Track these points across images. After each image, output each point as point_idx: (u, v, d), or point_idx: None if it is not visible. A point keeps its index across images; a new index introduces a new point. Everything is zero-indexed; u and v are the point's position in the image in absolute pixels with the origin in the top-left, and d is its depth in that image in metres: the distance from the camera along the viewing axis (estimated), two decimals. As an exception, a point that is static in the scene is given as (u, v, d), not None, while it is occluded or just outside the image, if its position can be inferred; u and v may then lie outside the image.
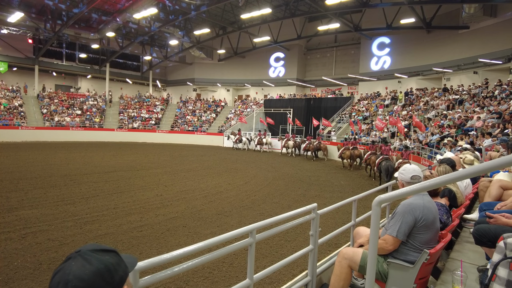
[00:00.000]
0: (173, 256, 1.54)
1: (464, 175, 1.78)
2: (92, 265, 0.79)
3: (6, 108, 27.14)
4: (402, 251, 2.57)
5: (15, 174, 11.32)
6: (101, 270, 0.80)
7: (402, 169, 2.89)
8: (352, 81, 30.77)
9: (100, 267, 0.80)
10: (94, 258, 0.81)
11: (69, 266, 0.79)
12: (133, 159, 17.30)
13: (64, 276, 0.77)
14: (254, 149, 26.50)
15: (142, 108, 35.31)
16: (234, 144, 27.29)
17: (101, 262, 0.81)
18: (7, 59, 29.73)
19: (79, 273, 0.78)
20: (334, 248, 5.66)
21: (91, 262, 0.80)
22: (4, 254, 5.00)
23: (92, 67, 35.53)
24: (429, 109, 19.67)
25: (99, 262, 0.81)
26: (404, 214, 2.54)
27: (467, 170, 1.57)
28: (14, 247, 5.27)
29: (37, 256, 5.00)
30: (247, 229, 2.11)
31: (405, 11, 22.36)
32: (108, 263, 0.82)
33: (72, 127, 28.79)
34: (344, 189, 11.77)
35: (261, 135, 26.47)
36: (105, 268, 0.81)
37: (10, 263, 4.73)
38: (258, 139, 26.00)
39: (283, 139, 24.72)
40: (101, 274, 0.80)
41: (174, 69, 41.58)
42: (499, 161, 1.47)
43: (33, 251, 5.15)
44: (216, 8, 26.15)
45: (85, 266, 0.79)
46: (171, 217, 7.36)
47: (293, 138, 24.51)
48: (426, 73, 24.81)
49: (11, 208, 7.35)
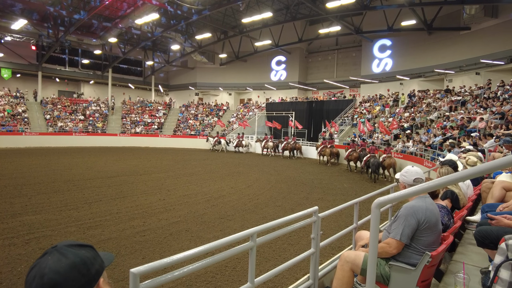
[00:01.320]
0: (173, 260, 1.55)
1: (465, 175, 1.79)
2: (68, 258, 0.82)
3: (10, 114, 27.34)
4: (404, 253, 2.55)
5: (18, 180, 11.39)
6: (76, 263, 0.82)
7: (405, 171, 2.85)
8: (354, 83, 30.77)
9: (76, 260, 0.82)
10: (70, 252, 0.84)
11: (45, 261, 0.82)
12: (136, 164, 17.35)
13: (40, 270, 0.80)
14: (234, 151, 27.57)
15: (145, 113, 35.45)
16: (212, 146, 28.15)
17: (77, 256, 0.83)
18: (11, 66, 30.01)
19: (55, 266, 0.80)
20: (337, 251, 5.64)
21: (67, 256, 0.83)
22: (8, 260, 5.02)
23: (94, 72, 35.80)
24: (432, 110, 19.63)
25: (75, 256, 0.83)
26: (407, 217, 2.52)
27: (469, 170, 1.57)
28: (18, 253, 5.29)
29: (40, 261, 5.01)
30: (247, 232, 2.11)
31: (406, 13, 22.42)
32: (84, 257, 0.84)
33: (75, 132, 28.94)
34: (347, 192, 11.73)
35: (239, 137, 27.50)
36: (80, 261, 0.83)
37: (14, 268, 4.75)
38: (237, 141, 27.14)
39: (261, 141, 26.36)
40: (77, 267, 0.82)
41: (176, 74, 41.78)
42: (501, 162, 1.47)
43: (37, 257, 5.07)
44: (217, 13, 26.31)
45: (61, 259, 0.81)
46: (174, 222, 7.36)
47: (271, 139, 26.12)
48: (428, 75, 24.78)
49: (14, 214, 7.38)
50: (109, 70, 35.62)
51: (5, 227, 6.48)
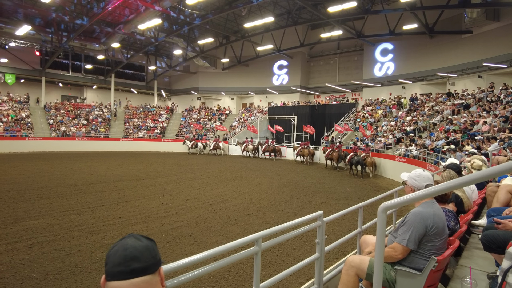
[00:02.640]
0: (180, 265, 1.54)
1: (471, 180, 1.77)
2: (143, 242, 1.01)
3: (14, 119, 27.49)
4: (410, 258, 2.52)
5: (22, 185, 11.41)
6: (149, 246, 1.01)
7: (417, 175, 2.76)
8: (356, 87, 30.78)
9: (148, 244, 1.01)
10: (144, 238, 1.03)
11: (126, 240, 1.00)
12: (138, 168, 17.37)
13: (123, 245, 0.98)
14: (209, 153, 28.95)
15: (147, 118, 35.57)
16: (189, 149, 28.97)
17: (148, 242, 1.02)
18: (15, 71, 30.25)
19: (134, 244, 0.99)
20: (341, 256, 5.61)
21: (142, 240, 1.02)
22: (11, 264, 5.01)
23: (97, 77, 36.02)
24: (434, 114, 19.57)
25: (147, 241, 1.02)
26: (415, 223, 2.47)
27: (474, 175, 1.55)
28: (21, 257, 5.29)
29: (43, 266, 5.02)
30: (252, 237, 2.10)
31: (408, 17, 22.45)
32: (152, 244, 1.04)
33: (78, 137, 29.04)
34: (350, 196, 11.68)
35: (216, 140, 28.98)
36: (151, 246, 1.02)
37: (17, 273, 4.74)
38: (214, 144, 28.34)
39: (241, 144, 27.67)
40: (149, 249, 1.00)
41: (179, 79, 41.95)
42: (508, 165, 1.45)
43: (40, 261, 5.16)
44: (219, 18, 26.45)
45: (138, 242, 1.00)
46: (176, 226, 7.35)
47: (251, 142, 27.35)
48: (430, 78, 24.75)
49: (18, 218, 7.39)
50: (112, 75, 35.80)
51: (9, 232, 6.48)
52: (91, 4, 23.02)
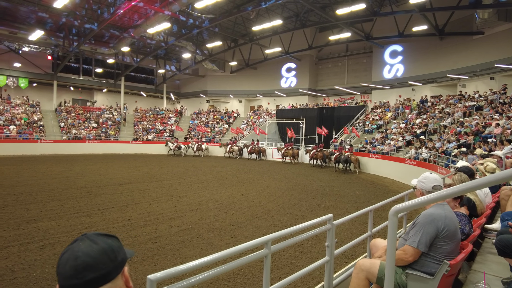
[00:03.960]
0: (190, 267, 1.54)
1: (484, 183, 1.74)
2: (98, 245, 0.90)
3: (26, 122, 28.02)
4: (422, 262, 2.49)
5: (34, 187, 11.60)
6: (106, 249, 0.90)
7: (423, 177, 2.77)
8: (365, 89, 30.58)
9: (105, 247, 0.90)
10: (100, 239, 0.92)
11: (78, 246, 0.90)
12: (147, 171, 17.51)
13: (74, 253, 0.87)
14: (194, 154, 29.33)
15: (156, 121, 35.90)
16: (171, 151, 29.25)
17: (105, 243, 0.91)
18: (28, 75, 30.88)
19: (87, 250, 0.87)
20: (350, 259, 5.55)
21: (97, 242, 0.90)
22: (24, 265, 5.09)
23: (107, 81, 36.51)
24: (445, 116, 19.32)
25: (104, 243, 0.91)
26: (425, 225, 2.46)
27: (488, 178, 1.52)
28: (33, 258, 5.36)
29: (55, 267, 5.05)
30: (262, 240, 2.09)
31: (417, 18, 22.27)
32: (112, 244, 0.93)
33: (88, 140, 29.43)
34: (359, 199, 11.58)
35: (199, 141, 29.84)
36: (109, 248, 0.91)
37: (29, 274, 4.81)
38: (197, 145, 28.92)
39: (226, 146, 28.63)
40: (106, 252, 0.89)
41: (187, 82, 42.25)
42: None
43: (51, 263, 5.23)
44: (227, 21, 26.60)
45: (92, 245, 0.89)
46: (185, 229, 7.37)
47: (235, 144, 28.72)
48: (441, 80, 24.46)
49: (30, 220, 7.51)
50: (122, 79, 36.27)
51: (21, 233, 6.59)
52: (101, 9, 23.39)
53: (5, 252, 5.57)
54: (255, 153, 27.13)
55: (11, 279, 4.63)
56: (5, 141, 25.22)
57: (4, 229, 6.81)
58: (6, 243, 6.01)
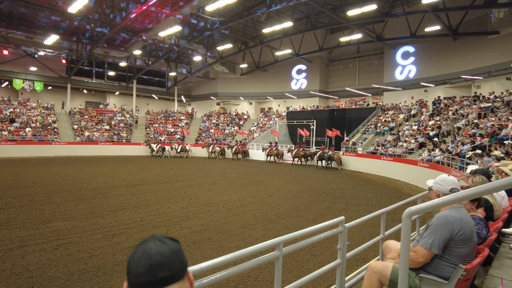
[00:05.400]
0: (202, 267, 1.55)
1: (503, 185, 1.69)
2: (168, 245, 0.95)
3: (42, 124, 28.65)
4: (436, 265, 2.43)
5: (48, 188, 11.84)
6: (175, 250, 0.95)
7: (441, 179, 2.70)
8: (377, 91, 30.28)
9: (174, 248, 0.95)
10: (168, 241, 0.96)
11: (149, 245, 0.93)
12: (159, 173, 17.67)
13: (146, 252, 0.91)
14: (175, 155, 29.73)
15: (168, 123, 36.26)
16: (154, 152, 29.12)
17: (173, 245, 0.96)
18: (43, 79, 31.64)
19: (159, 249, 0.92)
20: (362, 262, 5.49)
21: (167, 243, 0.95)
22: (39, 264, 5.19)
23: (119, 84, 37.11)
24: (459, 118, 18.95)
25: (172, 244, 0.96)
26: (439, 227, 2.40)
27: (507, 180, 1.48)
28: (48, 258, 5.46)
29: (68, 267, 5.16)
30: (274, 242, 2.08)
31: (430, 19, 21.96)
32: (178, 246, 0.98)
33: (100, 142, 29.89)
34: (371, 202, 11.44)
35: (181, 143, 30.67)
36: (177, 249, 0.96)
37: (44, 273, 4.90)
38: (181, 147, 29.62)
39: (209, 146, 29.59)
40: (176, 253, 0.94)
41: (198, 84, 42.60)
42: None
43: (65, 262, 5.31)
44: (238, 24, 26.72)
45: (163, 245, 0.94)
46: (196, 230, 7.40)
47: (217, 145, 29.99)
48: (454, 81, 24.04)
49: (45, 220, 7.66)
50: (134, 82, 36.80)
51: (36, 233, 6.72)
52: (113, 14, 23.81)
53: (21, 252, 5.69)
54: (239, 153, 28.70)
55: (26, 278, 4.72)
56: (21, 143, 25.84)
57: (20, 229, 6.97)
58: (22, 242, 6.14)
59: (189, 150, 29.96)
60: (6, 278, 4.71)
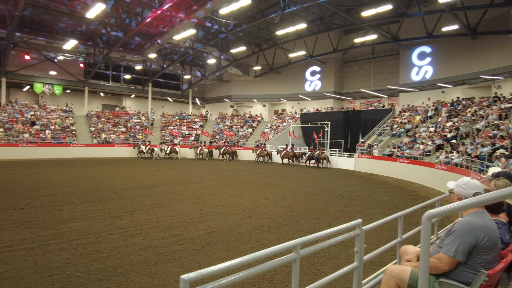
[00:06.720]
0: (221, 268, 1.56)
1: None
2: None
3: (60, 127, 29.43)
4: (457, 271, 2.37)
5: (67, 189, 12.14)
6: None
7: (464, 182, 2.64)
8: (392, 92, 29.82)
9: None
10: None
11: None
12: (173, 174, 17.88)
13: None
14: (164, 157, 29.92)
15: (182, 125, 36.67)
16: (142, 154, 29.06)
17: None
18: (62, 83, 32.54)
19: None
20: (378, 266, 5.40)
21: None
22: (59, 263, 5.32)
23: (135, 87, 37.79)
24: (478, 119, 18.46)
25: None
26: (463, 234, 2.32)
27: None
28: (67, 257, 5.60)
29: (87, 266, 5.27)
30: (291, 244, 2.08)
31: (447, 18, 21.48)
32: None
33: (117, 144, 30.45)
34: (387, 205, 11.26)
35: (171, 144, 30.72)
36: None
37: (64, 272, 5.03)
38: (170, 148, 29.67)
39: (197, 147, 30.21)
40: None
41: (212, 87, 42.96)
42: None
43: (83, 262, 5.43)
44: (251, 26, 26.81)
45: None
46: (210, 231, 7.45)
47: (205, 146, 30.68)
48: (473, 82, 23.43)
49: (64, 220, 7.86)
50: (149, 85, 37.39)
51: (56, 233, 6.91)
52: (129, 18, 24.30)
53: (42, 250, 5.85)
54: (228, 154, 29.78)
55: (47, 276, 4.86)
56: (42, 145, 26.60)
57: (41, 228, 7.17)
58: (43, 241, 6.32)
59: (178, 151, 29.94)
60: (28, 276, 4.86)
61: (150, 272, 5.15)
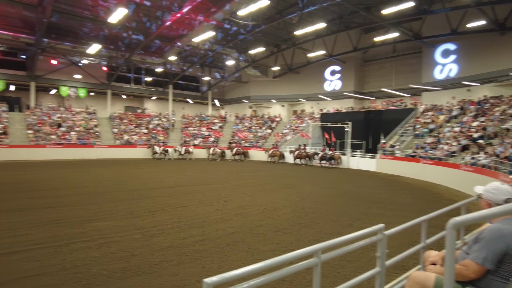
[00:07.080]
0: (244, 272, 1.59)
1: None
2: None
3: (85, 128, 30.44)
4: (486, 280, 2.28)
5: (91, 189, 12.55)
6: None
7: (494, 188, 2.53)
8: (415, 91, 29.05)
9: None
10: None
11: None
12: (193, 175, 18.12)
13: None
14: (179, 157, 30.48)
15: (202, 126, 37.13)
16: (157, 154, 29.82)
17: None
18: (86, 86, 33.67)
19: None
20: (401, 271, 5.27)
21: None
22: (84, 261, 5.51)
23: (156, 89, 38.60)
24: (508, 118, 17.71)
25: None
26: (492, 241, 2.24)
27: None
28: (92, 255, 5.78)
29: (111, 264, 5.43)
30: (312, 249, 2.08)
31: (472, 13, 20.72)
32: None
33: (139, 145, 31.17)
34: (409, 207, 10.99)
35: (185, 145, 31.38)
36: None
37: (89, 269, 5.20)
38: (185, 149, 30.33)
39: (208, 148, 30.85)
40: None
41: (231, 88, 43.27)
42: None
43: (108, 260, 5.60)
44: (270, 27, 26.81)
45: None
46: (230, 232, 7.50)
47: (217, 146, 31.45)
48: (502, 79, 22.46)
49: (89, 219, 8.12)
50: (170, 87, 38.07)
51: (82, 231, 7.15)
52: (150, 22, 24.87)
53: (69, 248, 6.08)
54: (240, 154, 30.12)
55: (74, 273, 5.04)
56: (67, 146, 27.62)
57: (68, 227, 7.45)
58: (70, 239, 6.55)
59: (192, 152, 30.48)
60: (56, 272, 5.06)
61: (172, 271, 5.24)
